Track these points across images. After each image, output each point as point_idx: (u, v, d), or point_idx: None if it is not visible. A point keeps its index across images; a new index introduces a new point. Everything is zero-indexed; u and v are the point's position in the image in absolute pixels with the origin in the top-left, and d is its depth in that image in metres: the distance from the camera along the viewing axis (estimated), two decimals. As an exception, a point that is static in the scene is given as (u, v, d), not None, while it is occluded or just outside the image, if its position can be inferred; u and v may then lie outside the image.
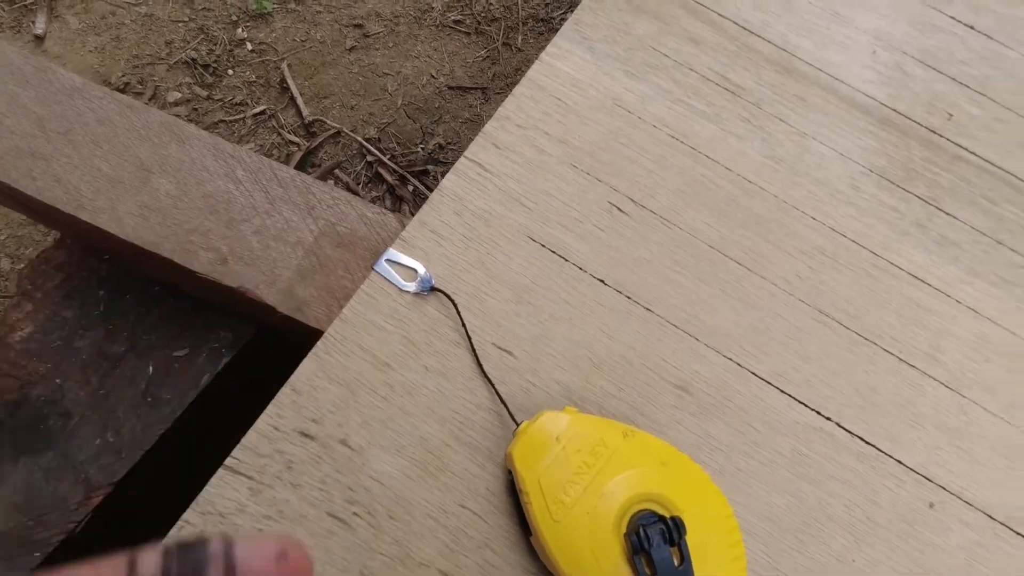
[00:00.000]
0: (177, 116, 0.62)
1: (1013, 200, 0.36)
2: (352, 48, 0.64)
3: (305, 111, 0.60)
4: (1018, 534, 0.29)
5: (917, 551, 0.28)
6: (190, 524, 0.24)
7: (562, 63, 0.35)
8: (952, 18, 0.42)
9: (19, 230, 0.56)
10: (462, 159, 0.32)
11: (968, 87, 0.39)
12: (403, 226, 0.31)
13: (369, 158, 0.60)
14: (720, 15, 0.39)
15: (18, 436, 0.30)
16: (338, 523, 0.25)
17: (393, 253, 0.30)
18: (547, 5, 0.69)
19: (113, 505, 0.31)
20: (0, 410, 0.30)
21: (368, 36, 0.64)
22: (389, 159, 0.59)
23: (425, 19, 0.67)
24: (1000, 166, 0.37)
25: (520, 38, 0.65)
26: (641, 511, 0.23)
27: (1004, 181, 0.37)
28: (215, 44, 0.62)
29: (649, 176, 0.33)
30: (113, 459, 0.30)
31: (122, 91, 0.63)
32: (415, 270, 0.29)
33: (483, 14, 0.67)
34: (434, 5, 0.68)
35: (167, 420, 0.31)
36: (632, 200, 0.33)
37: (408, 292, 0.29)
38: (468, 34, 0.66)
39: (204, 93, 0.61)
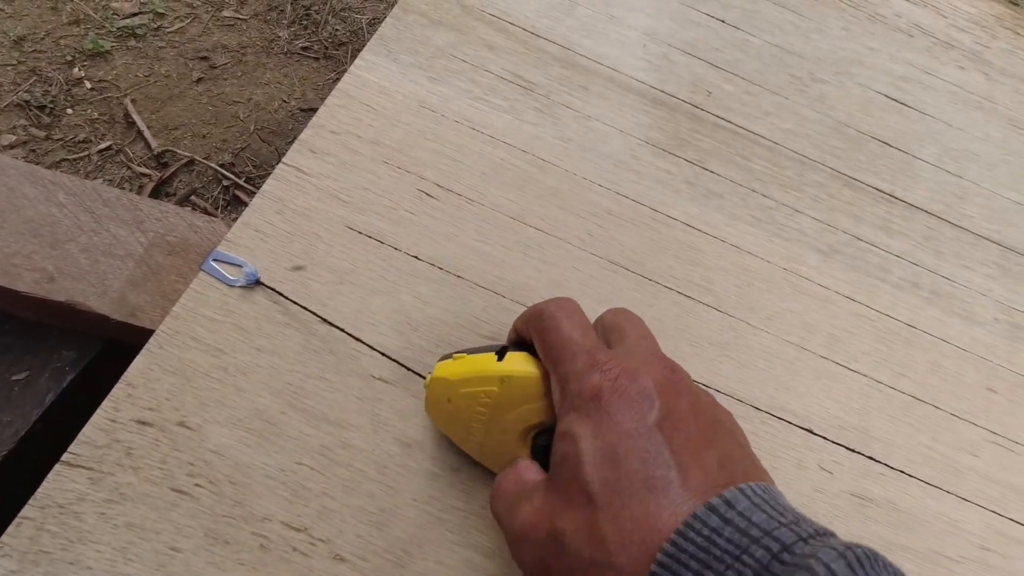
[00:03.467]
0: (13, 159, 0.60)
1: (761, 156, 0.44)
2: (200, 80, 0.66)
3: (154, 143, 0.61)
4: (778, 418, 0.36)
5: (699, 443, 0.34)
6: (28, 519, 0.26)
7: (369, 74, 0.40)
8: (707, 14, 0.50)
9: None
10: (280, 165, 0.36)
11: (722, 69, 0.48)
12: (229, 227, 0.34)
13: (225, 183, 0.62)
14: (511, 23, 0.45)
15: None
16: (181, 495, 0.27)
17: (219, 252, 0.32)
18: (390, 28, 0.74)
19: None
20: None
21: (215, 67, 0.66)
22: (245, 181, 0.62)
23: (272, 48, 0.70)
24: (751, 130, 0.45)
25: (368, 60, 0.69)
26: (538, 429, 0.27)
27: (754, 141, 0.45)
28: (50, 85, 0.61)
29: (453, 164, 0.38)
30: (-44, 487, 0.31)
31: (-51, 140, 0.61)
32: (240, 266, 0.32)
33: (330, 39, 0.71)
34: (280, 34, 0.71)
35: (9, 442, 0.32)
36: (439, 185, 0.37)
37: (236, 286, 0.32)
38: (317, 59, 0.70)
39: (42, 134, 0.60)
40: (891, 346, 0.40)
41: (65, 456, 0.27)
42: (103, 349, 0.34)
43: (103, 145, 0.60)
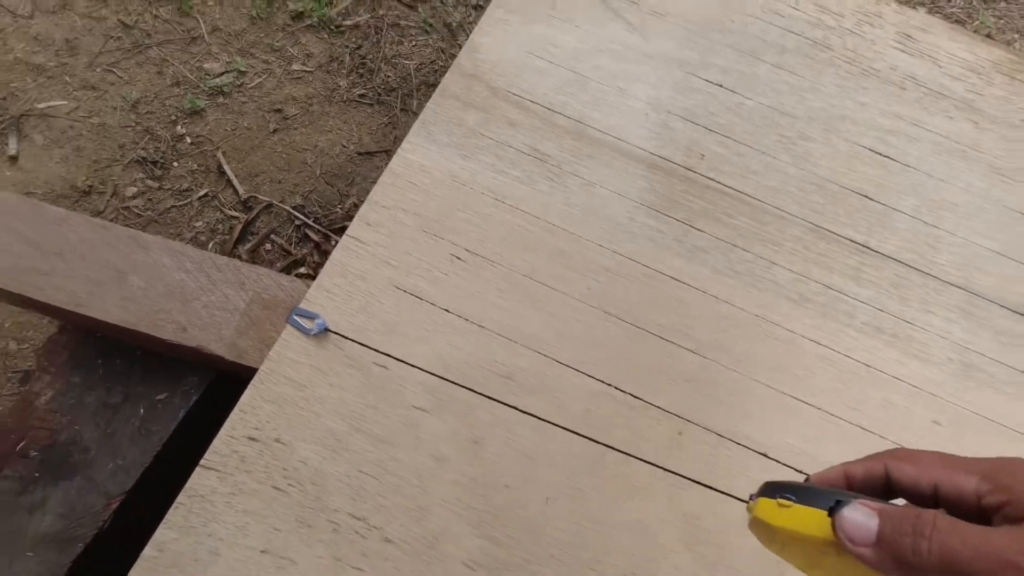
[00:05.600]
0: (136, 209, 0.74)
1: (745, 213, 0.51)
2: (275, 130, 0.77)
3: (240, 190, 0.73)
4: (739, 444, 0.44)
5: (676, 462, 0.42)
6: (182, 504, 0.38)
7: (412, 155, 0.49)
8: (706, 80, 0.57)
9: (19, 316, 0.67)
10: (344, 237, 0.46)
11: (716, 132, 0.54)
12: (307, 288, 0.44)
13: (297, 222, 0.73)
14: (531, 100, 0.53)
15: (55, 469, 0.43)
16: (279, 492, 0.39)
17: (300, 308, 0.43)
18: (435, 72, 0.83)
19: (126, 509, 0.44)
20: (39, 452, 0.43)
21: (287, 118, 0.77)
22: (313, 221, 0.73)
23: (334, 97, 0.80)
24: (738, 189, 0.52)
25: (415, 103, 0.78)
26: None
27: (739, 200, 0.52)
28: (160, 142, 0.74)
29: (479, 231, 0.47)
30: (123, 476, 0.43)
31: (87, 193, 0.75)
32: (314, 318, 0.43)
33: (382, 86, 0.81)
34: (340, 83, 0.81)
35: (157, 445, 0.44)
36: (467, 250, 0.47)
37: (312, 334, 0.42)
38: (371, 105, 0.80)
39: (156, 185, 0.73)
40: (848, 384, 0.47)
41: (202, 461, 0.39)
42: (216, 378, 0.46)
43: (201, 192, 0.73)
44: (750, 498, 0.27)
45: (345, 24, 0.83)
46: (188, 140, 0.76)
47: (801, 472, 0.43)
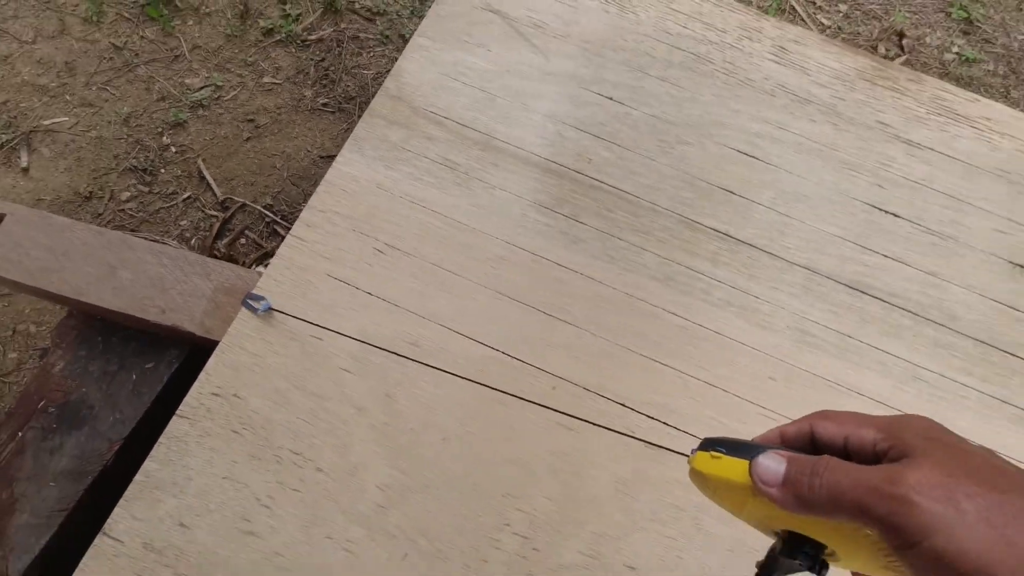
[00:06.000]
0: (129, 211, 0.86)
1: (623, 208, 0.62)
2: (248, 138, 0.88)
3: (218, 192, 0.85)
4: (602, 396, 0.55)
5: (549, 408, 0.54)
6: (162, 443, 0.50)
7: (345, 167, 0.60)
8: (597, 93, 0.66)
9: (37, 304, 0.80)
10: (289, 235, 0.57)
11: (603, 139, 0.64)
12: (260, 277, 0.56)
13: (267, 219, 0.85)
14: (446, 117, 0.64)
15: (68, 421, 0.55)
16: (236, 434, 0.51)
17: (251, 293, 0.55)
18: (390, 81, 0.94)
19: (123, 451, 0.56)
20: (56, 409, 0.55)
21: (259, 127, 0.88)
22: (281, 218, 0.85)
23: (300, 106, 0.91)
24: (618, 187, 0.63)
25: (371, 110, 0.90)
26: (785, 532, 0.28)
27: (619, 197, 0.62)
28: (149, 151, 0.86)
29: (398, 228, 0.58)
30: (121, 426, 0.56)
31: (88, 198, 0.87)
32: (261, 300, 0.54)
33: (342, 95, 0.91)
34: (306, 94, 0.92)
35: (147, 403, 0.56)
36: (388, 244, 0.58)
37: (260, 313, 0.54)
38: (333, 112, 0.90)
39: (146, 189, 0.85)
40: (699, 348, 0.57)
41: (178, 412, 0.51)
42: (191, 350, 0.58)
43: (185, 195, 0.85)
44: (691, 452, 0.31)
45: (310, 39, 0.94)
46: (173, 149, 0.88)
47: (656, 419, 0.54)
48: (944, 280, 0.63)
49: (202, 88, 0.90)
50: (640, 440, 0.53)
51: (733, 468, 0.29)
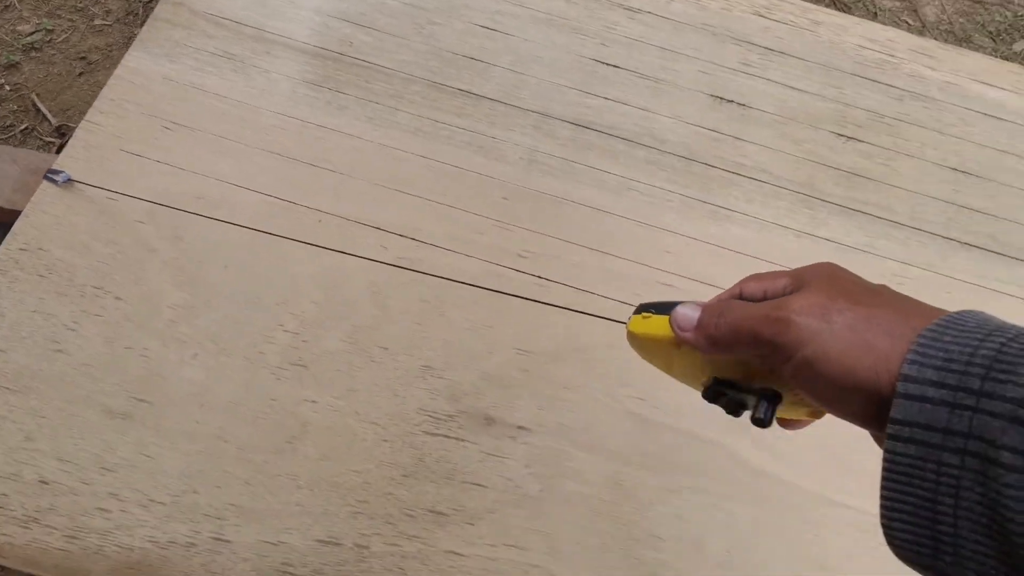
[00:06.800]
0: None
1: (379, 79, 0.73)
2: (81, 74, 0.97)
3: (53, 121, 0.94)
4: (356, 222, 0.67)
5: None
6: (-23, 289, 0.60)
7: (132, 63, 0.70)
8: (359, -10, 0.78)
9: None
10: (84, 121, 0.67)
11: (364, 26, 0.76)
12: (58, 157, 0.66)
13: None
14: (223, 18, 0.74)
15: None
16: (41, 277, 0.61)
17: (52, 168, 0.65)
18: None
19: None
20: None
21: (91, 63, 0.97)
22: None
23: (131, 43, 1.00)
24: (376, 63, 0.74)
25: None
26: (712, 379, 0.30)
27: (376, 71, 0.74)
28: (-15, 90, 0.95)
29: (182, 110, 0.69)
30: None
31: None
32: (60, 173, 0.64)
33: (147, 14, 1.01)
34: (136, 32, 1.01)
35: (-24, 274, 0.66)
36: (174, 123, 0.68)
37: (60, 183, 0.64)
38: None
39: (-16, 124, 0.94)
40: (439, 177, 0.69)
41: (-11, 264, 0.61)
42: (1, 226, 0.68)
43: (23, 126, 0.93)
44: (628, 319, 0.33)
45: (140, -17, 1.03)
46: (8, 88, 0.96)
47: (403, 236, 0.66)
48: (654, 113, 0.76)
49: (33, 33, 0.99)
50: (390, 262, 0.66)
51: (660, 324, 0.31)
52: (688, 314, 0.30)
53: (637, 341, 0.33)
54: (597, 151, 0.73)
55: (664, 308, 0.31)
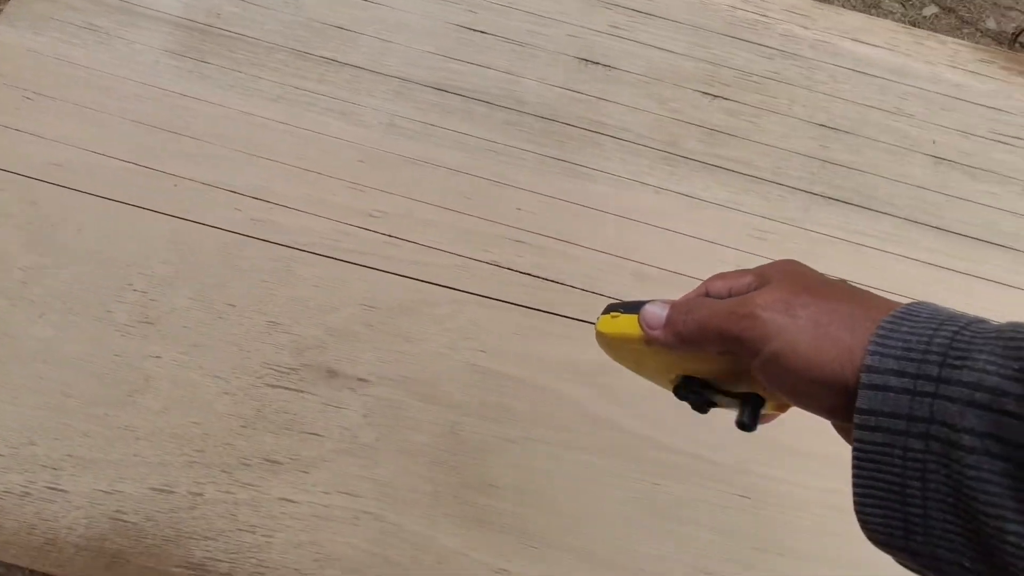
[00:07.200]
0: None
1: (242, 49, 0.75)
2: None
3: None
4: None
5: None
6: None
7: (-1, 39, 0.72)
8: (229, -37, 0.79)
9: None
10: None
11: (232, -2, 0.77)
12: None
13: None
14: (93, -7, 0.76)
15: None
16: (-103, 243, 0.63)
17: (-86, 141, 0.67)
18: None
19: None
20: None
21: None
22: None
23: None
24: (241, 33, 0.76)
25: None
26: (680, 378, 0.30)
27: (241, 40, 0.75)
28: None
29: (48, 81, 0.71)
30: None
31: None
32: (-77, 145, 0.66)
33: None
34: None
35: None
36: (37, 93, 0.70)
37: (-77, 155, 0.66)
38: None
39: None
40: (303, 143, 0.71)
41: None
42: None
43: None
44: (597, 319, 0.33)
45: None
46: None
47: (256, 198, 0.68)
48: (519, 76, 0.77)
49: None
50: (242, 223, 0.67)
51: (629, 323, 0.31)
52: (656, 312, 0.31)
53: (606, 341, 0.33)
54: (458, 115, 0.74)
55: (632, 307, 0.32)
